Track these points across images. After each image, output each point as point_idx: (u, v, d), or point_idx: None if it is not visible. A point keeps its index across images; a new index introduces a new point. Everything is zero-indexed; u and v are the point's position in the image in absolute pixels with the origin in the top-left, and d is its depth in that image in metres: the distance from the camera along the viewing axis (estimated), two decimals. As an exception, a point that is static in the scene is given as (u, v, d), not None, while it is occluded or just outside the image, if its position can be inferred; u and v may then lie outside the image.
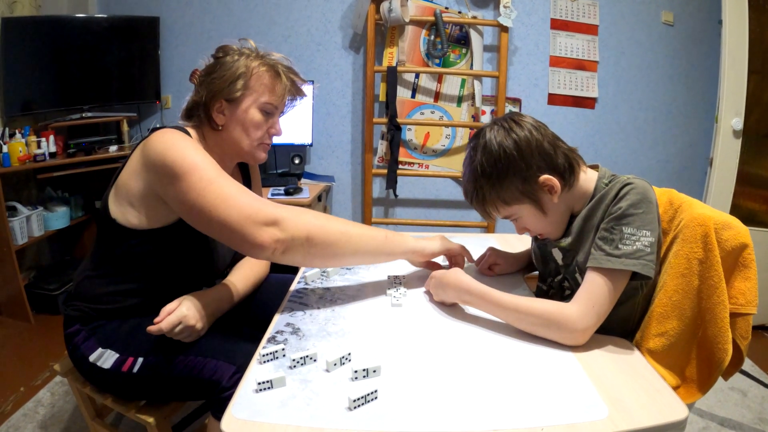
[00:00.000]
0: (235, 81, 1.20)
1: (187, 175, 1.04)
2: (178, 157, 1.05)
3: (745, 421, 1.97)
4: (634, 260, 1.00)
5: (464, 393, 0.82)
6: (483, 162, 1.10)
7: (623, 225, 1.03)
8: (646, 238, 1.01)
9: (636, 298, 1.14)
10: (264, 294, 1.41)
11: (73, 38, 2.73)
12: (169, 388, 1.16)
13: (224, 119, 1.23)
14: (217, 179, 1.05)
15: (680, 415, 0.77)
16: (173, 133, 1.12)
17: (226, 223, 1.02)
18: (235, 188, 1.05)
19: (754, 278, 1.06)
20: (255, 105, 1.23)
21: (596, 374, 0.87)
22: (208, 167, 1.06)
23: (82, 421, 1.76)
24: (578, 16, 2.98)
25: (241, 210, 1.02)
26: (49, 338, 2.43)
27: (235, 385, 1.05)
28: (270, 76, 1.24)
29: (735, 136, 2.65)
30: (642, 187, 1.05)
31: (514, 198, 1.11)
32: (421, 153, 3.13)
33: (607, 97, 3.09)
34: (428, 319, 1.08)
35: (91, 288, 1.22)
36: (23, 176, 2.74)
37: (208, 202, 1.03)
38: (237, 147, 1.26)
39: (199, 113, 1.24)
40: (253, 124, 1.23)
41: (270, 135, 1.29)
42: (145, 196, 1.13)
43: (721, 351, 1.03)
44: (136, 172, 1.14)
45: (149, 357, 1.15)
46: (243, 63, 1.21)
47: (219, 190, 1.03)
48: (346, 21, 2.98)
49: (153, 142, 1.10)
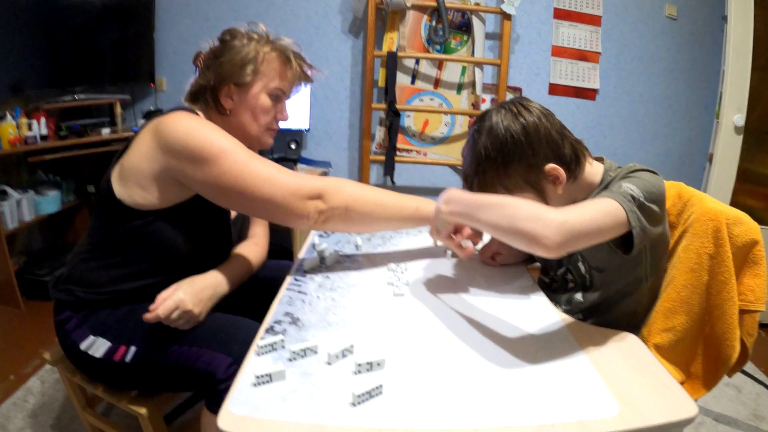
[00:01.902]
0: (245, 65, 1.19)
1: (219, 158, 1.06)
2: (206, 141, 1.07)
3: (739, 417, 1.97)
4: (618, 195, 0.94)
5: (473, 389, 0.79)
6: (488, 145, 1.06)
7: (624, 181, 1.00)
8: (642, 200, 0.95)
9: (641, 290, 1.13)
10: (260, 280, 1.38)
11: (66, 18, 2.67)
12: (163, 378, 1.13)
13: (232, 104, 1.22)
14: (251, 160, 1.08)
15: (690, 412, 0.75)
16: (190, 117, 1.12)
17: (272, 201, 1.08)
18: (271, 167, 1.10)
19: (764, 275, 1.05)
20: (265, 90, 1.22)
21: (605, 370, 0.85)
22: (238, 149, 1.09)
23: (73, 411, 1.73)
24: (582, 7, 2.95)
25: (285, 187, 1.08)
26: (40, 325, 2.39)
27: (231, 378, 1.02)
28: (280, 62, 1.24)
29: (736, 133, 2.64)
30: (656, 176, 1.04)
31: (517, 186, 1.07)
32: (420, 140, 3.10)
33: (608, 89, 3.07)
34: (432, 310, 1.05)
35: (87, 271, 1.19)
36: (14, 159, 2.69)
37: (250, 183, 1.07)
38: (245, 132, 1.24)
39: (206, 97, 1.22)
40: (262, 110, 1.23)
41: (277, 120, 1.29)
42: (159, 177, 1.11)
43: (728, 348, 1.02)
44: (149, 154, 1.11)
45: (142, 346, 1.12)
46: (253, 48, 1.21)
47: (258, 170, 1.08)
48: (346, 4, 2.93)
49: (170, 126, 1.09)
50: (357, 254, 1.33)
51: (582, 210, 0.92)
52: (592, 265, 1.15)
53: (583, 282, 1.18)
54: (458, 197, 1.05)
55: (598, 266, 1.14)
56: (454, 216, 1.06)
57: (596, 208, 0.92)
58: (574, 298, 1.19)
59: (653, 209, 0.97)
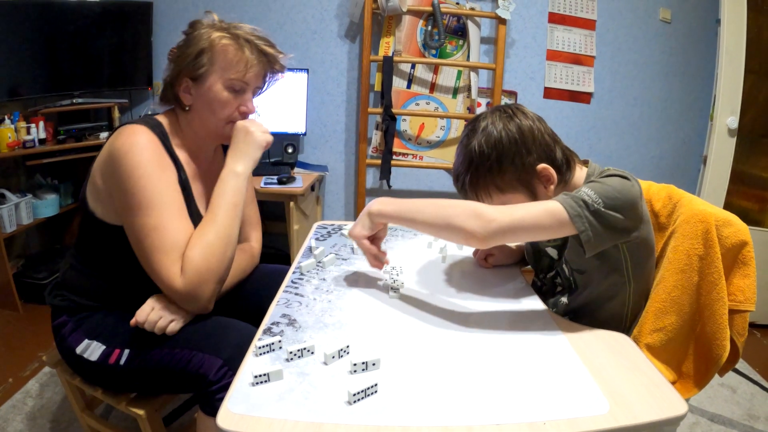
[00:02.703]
0: (198, 56, 1.13)
1: (136, 209, 1.05)
2: (137, 187, 1.05)
3: (734, 417, 1.98)
4: (575, 204, 0.96)
5: (466, 387, 0.81)
6: (482, 144, 1.07)
7: (586, 186, 1.00)
8: (597, 206, 0.96)
9: (624, 294, 1.14)
10: (254, 284, 1.38)
11: (64, 23, 2.68)
12: (157, 380, 1.13)
13: (191, 99, 1.17)
14: (156, 228, 1.05)
15: (680, 410, 0.77)
16: (135, 146, 1.07)
17: (151, 271, 1.07)
18: (168, 240, 1.05)
19: (753, 275, 1.06)
20: (221, 81, 1.14)
21: (596, 368, 0.86)
22: (160, 207, 1.06)
23: (72, 413, 1.74)
24: (576, 11, 2.97)
25: (163, 275, 1.05)
26: (38, 328, 2.40)
27: (222, 379, 1.04)
28: (234, 50, 1.14)
29: (730, 135, 2.66)
30: (627, 182, 1.01)
31: (510, 185, 1.09)
32: (416, 144, 3.11)
33: (603, 93, 3.09)
34: (426, 311, 1.07)
35: (77, 279, 1.20)
36: (12, 163, 2.70)
37: (144, 247, 1.06)
38: (207, 128, 1.20)
39: (168, 94, 1.19)
40: (219, 103, 1.16)
41: (241, 113, 1.20)
42: (108, 192, 1.11)
43: (719, 347, 1.04)
44: (101, 169, 1.12)
45: (135, 349, 1.12)
46: (206, 36, 1.13)
47: (151, 245, 1.05)
48: (343, 9, 2.95)
49: (115, 146, 1.08)
50: (353, 257, 1.34)
51: (520, 207, 0.98)
52: (573, 268, 1.17)
53: (569, 285, 1.19)
54: (392, 200, 1.09)
55: (579, 268, 1.15)
56: (385, 217, 1.09)
57: (537, 207, 0.98)
58: (561, 301, 1.21)
59: (614, 216, 0.97)
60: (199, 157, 1.26)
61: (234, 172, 1.16)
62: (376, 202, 1.10)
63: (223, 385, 1.03)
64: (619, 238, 1.02)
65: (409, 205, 1.06)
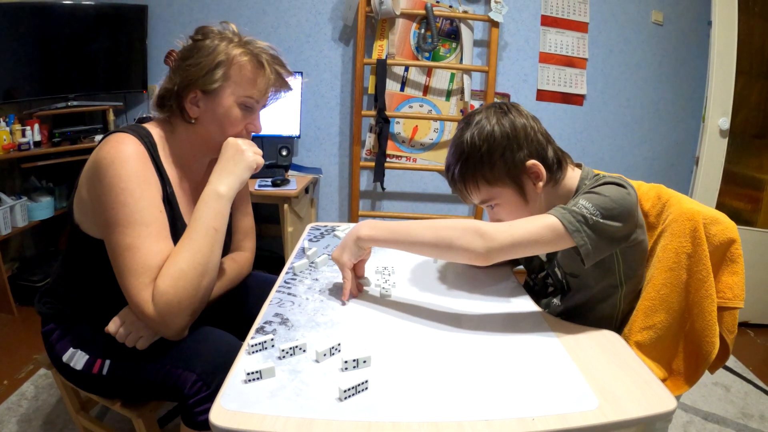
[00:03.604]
0: (213, 70, 1.08)
1: (114, 225, 0.99)
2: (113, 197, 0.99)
3: (728, 415, 1.99)
4: (573, 220, 0.97)
5: (455, 383, 0.82)
6: (474, 136, 1.08)
7: (583, 197, 1.01)
8: (595, 218, 0.97)
9: (616, 296, 1.15)
10: (244, 292, 1.35)
11: (59, 25, 2.68)
12: (138, 391, 1.12)
13: (198, 112, 1.12)
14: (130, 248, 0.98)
15: (669, 406, 0.78)
16: (119, 158, 1.00)
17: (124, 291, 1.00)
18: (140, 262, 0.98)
19: (741, 273, 1.07)
20: (234, 98, 1.11)
21: (586, 365, 0.87)
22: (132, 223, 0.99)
23: (67, 415, 1.74)
24: (569, 14, 2.99)
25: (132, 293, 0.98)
26: (33, 330, 2.39)
27: (198, 393, 1.02)
28: (253, 67, 1.11)
29: (721, 136, 2.68)
30: (623, 190, 1.02)
31: (498, 178, 1.09)
32: (409, 146, 3.12)
33: (596, 95, 3.11)
34: (418, 310, 1.07)
35: (63, 288, 1.19)
36: (7, 165, 2.70)
37: (118, 265, 1.00)
38: (211, 143, 1.15)
39: (171, 103, 1.12)
40: (229, 121, 1.12)
41: (248, 132, 1.18)
42: (92, 204, 1.06)
43: (708, 344, 1.05)
44: (87, 178, 1.06)
45: (115, 359, 1.11)
46: (223, 49, 1.09)
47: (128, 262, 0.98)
48: (337, 12, 2.96)
49: (100, 155, 1.01)
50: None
51: (519, 223, 0.99)
52: (567, 272, 1.18)
53: (561, 286, 1.20)
54: (382, 224, 1.08)
55: (572, 272, 1.17)
56: (376, 242, 1.07)
57: (536, 223, 0.98)
58: (553, 302, 1.22)
59: (612, 226, 0.98)
60: (192, 169, 1.22)
61: (217, 192, 1.08)
62: (365, 227, 1.08)
63: (199, 399, 1.02)
64: (618, 246, 1.04)
65: (400, 228, 1.05)
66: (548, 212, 1.00)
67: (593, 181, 1.09)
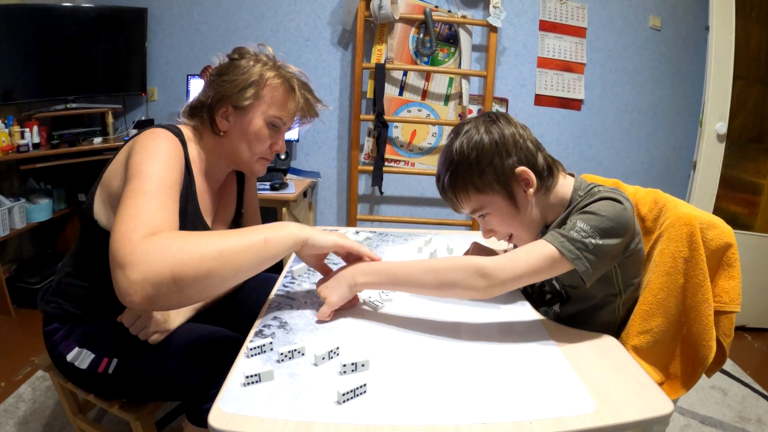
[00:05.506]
0: (246, 88, 1.14)
1: (134, 178, 0.94)
2: (141, 157, 0.97)
3: (725, 419, 2.00)
4: (573, 248, 0.97)
5: (453, 387, 0.82)
6: (463, 144, 1.09)
7: (580, 218, 1.00)
8: (594, 241, 0.97)
9: (615, 304, 1.15)
10: (246, 292, 1.37)
11: (58, 27, 2.69)
12: (145, 388, 1.13)
13: (228, 126, 1.17)
14: (147, 198, 0.90)
15: (665, 409, 0.78)
16: (157, 138, 1.03)
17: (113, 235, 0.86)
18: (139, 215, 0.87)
19: (738, 277, 1.07)
20: (263, 117, 1.17)
21: (583, 369, 0.88)
22: (158, 181, 0.94)
23: (64, 417, 1.74)
24: (567, 19, 3.00)
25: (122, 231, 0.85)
26: (31, 332, 2.39)
27: (206, 390, 1.04)
28: (284, 90, 1.18)
29: (719, 140, 2.69)
30: (619, 206, 1.01)
31: (488, 185, 1.09)
32: (408, 150, 3.13)
33: (593, 99, 3.12)
34: (416, 314, 1.08)
35: (71, 287, 1.19)
36: (5, 167, 2.70)
37: (122, 206, 0.90)
38: (236, 156, 1.20)
39: (202, 114, 1.18)
40: (257, 137, 1.18)
41: (272, 151, 1.23)
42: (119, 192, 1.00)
43: (705, 348, 1.05)
44: (119, 172, 1.04)
45: (123, 358, 1.12)
46: (257, 71, 1.15)
47: (129, 208, 0.88)
48: (336, 17, 2.97)
49: (137, 140, 1.04)
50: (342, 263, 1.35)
51: (519, 256, 1.00)
52: (566, 284, 1.18)
53: (560, 295, 1.21)
54: (377, 268, 1.06)
55: (571, 284, 1.17)
56: (372, 287, 1.06)
57: (535, 254, 0.99)
58: (551, 310, 1.22)
59: (610, 244, 0.99)
60: (211, 177, 1.25)
61: (294, 235, 0.97)
62: (359, 273, 1.04)
63: (208, 395, 1.03)
64: (617, 260, 1.06)
65: (397, 272, 1.03)
66: (546, 239, 1.00)
67: (587, 194, 1.09)
